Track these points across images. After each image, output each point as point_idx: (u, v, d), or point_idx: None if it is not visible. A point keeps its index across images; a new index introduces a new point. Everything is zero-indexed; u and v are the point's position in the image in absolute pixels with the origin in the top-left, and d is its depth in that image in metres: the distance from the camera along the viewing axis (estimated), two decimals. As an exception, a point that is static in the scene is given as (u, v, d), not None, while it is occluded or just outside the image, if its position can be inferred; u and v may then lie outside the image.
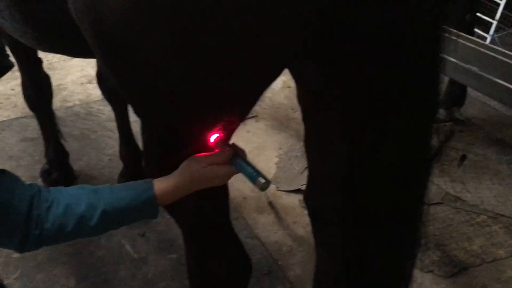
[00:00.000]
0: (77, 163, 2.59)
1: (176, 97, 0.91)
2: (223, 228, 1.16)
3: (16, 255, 2.02)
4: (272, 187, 2.42)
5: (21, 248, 0.91)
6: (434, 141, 1.09)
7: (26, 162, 2.63)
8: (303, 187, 1.57)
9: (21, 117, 3.02)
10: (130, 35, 0.84)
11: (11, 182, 0.91)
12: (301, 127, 1.29)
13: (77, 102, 3.23)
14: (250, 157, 2.48)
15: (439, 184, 2.46)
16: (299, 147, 2.65)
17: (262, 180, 0.96)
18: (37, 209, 0.90)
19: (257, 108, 3.04)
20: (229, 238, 1.17)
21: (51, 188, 0.95)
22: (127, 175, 2.35)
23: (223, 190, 1.11)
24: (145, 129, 1.02)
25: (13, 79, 2.76)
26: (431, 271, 1.98)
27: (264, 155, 2.67)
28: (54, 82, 2.64)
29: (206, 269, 1.14)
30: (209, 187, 1.01)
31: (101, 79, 2.21)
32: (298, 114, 3.06)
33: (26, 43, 1.39)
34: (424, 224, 1.17)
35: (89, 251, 2.09)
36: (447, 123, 2.87)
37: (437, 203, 2.36)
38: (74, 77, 3.55)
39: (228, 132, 1.01)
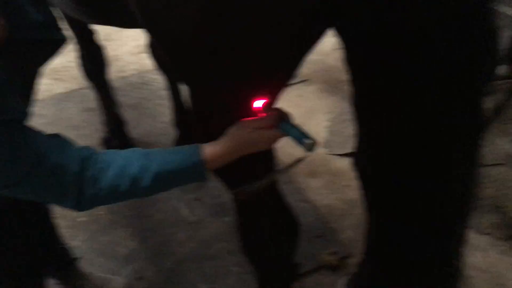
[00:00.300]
0: (134, 131, 2.70)
1: (217, 63, 0.92)
2: (271, 190, 1.18)
3: (81, 218, 2.16)
4: (323, 150, 2.42)
5: (77, 207, 0.98)
6: (495, 99, 1.04)
7: (87, 131, 2.76)
8: (355, 150, 1.56)
9: (81, 88, 3.14)
10: None
11: (63, 144, 0.97)
12: (352, 90, 1.27)
13: (132, 72, 3.33)
14: (301, 121, 2.49)
15: (501, 144, 2.36)
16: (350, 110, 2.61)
17: (308, 141, 0.97)
18: (91, 170, 0.96)
19: (308, 72, 3.00)
20: (276, 200, 1.19)
21: (106, 150, 1.01)
22: (181, 141, 2.43)
23: (270, 153, 1.13)
24: (193, 95, 1.05)
25: (71, 51, 2.88)
26: (488, 234, 1.93)
27: (315, 118, 2.65)
28: (110, 52, 2.73)
29: (254, 230, 1.18)
30: (256, 152, 1.03)
31: (153, 49, 2.26)
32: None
33: (73, 15, 1.44)
34: (478, 186, 1.14)
35: (149, 214, 2.20)
36: (510, 80, 2.72)
37: (498, 164, 2.27)
38: (129, 48, 3.63)
39: (274, 97, 1.01)
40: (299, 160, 1.08)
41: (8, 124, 0.88)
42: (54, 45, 1.09)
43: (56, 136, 0.99)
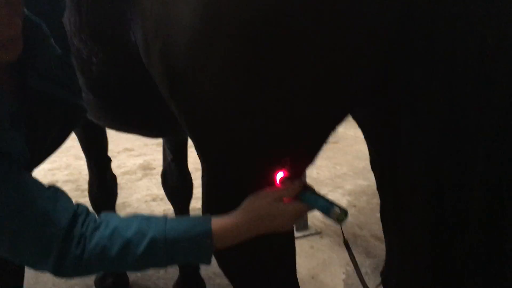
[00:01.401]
0: (133, 274, 2.49)
1: (240, 129, 0.85)
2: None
3: None
4: (339, 305, 2.17)
5: (57, 267, 0.82)
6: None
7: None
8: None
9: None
10: (196, 59, 0.82)
11: (57, 195, 0.85)
12: (369, 245, 1.15)
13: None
14: (314, 272, 2.32)
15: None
16: (368, 264, 2.43)
17: (338, 210, 0.83)
18: (81, 228, 0.83)
19: (320, 224, 2.90)
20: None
21: (103, 213, 0.88)
22: (182, 283, 2.22)
23: (289, 248, 0.98)
24: (208, 168, 0.95)
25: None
26: None
27: (329, 271, 2.45)
28: (120, 200, 2.79)
29: None
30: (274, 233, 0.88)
31: (165, 178, 2.22)
32: (365, 232, 2.87)
33: (93, 118, 1.42)
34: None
35: None
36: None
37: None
38: (139, 196, 3.61)
39: (295, 172, 0.91)
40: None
41: (2, 158, 0.79)
42: (74, 112, 1.04)
43: (52, 187, 0.87)
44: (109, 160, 2.18)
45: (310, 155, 0.91)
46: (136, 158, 4.52)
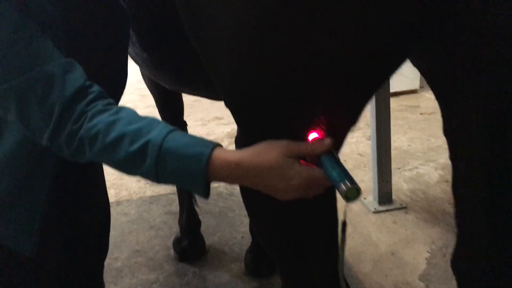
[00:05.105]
0: (210, 238, 2.53)
1: (262, 80, 0.78)
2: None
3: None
4: (420, 284, 2.01)
5: (53, 137, 0.80)
6: None
7: (164, 233, 2.64)
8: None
9: (170, 193, 3.13)
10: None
11: (71, 66, 0.82)
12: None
13: (222, 184, 3.27)
14: (395, 249, 2.16)
15: None
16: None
17: (347, 186, 0.70)
18: (86, 106, 0.79)
19: (407, 200, 2.71)
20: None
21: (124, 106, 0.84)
22: (254, 250, 2.20)
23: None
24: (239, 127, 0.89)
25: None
26: None
27: (412, 248, 2.28)
28: None
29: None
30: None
31: (238, 143, 2.19)
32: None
33: (149, 74, 1.40)
34: None
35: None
36: None
37: None
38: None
39: (334, 136, 0.79)
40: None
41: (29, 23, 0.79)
42: (118, 15, 1.03)
43: (69, 59, 0.84)
44: (184, 124, 2.20)
45: (351, 115, 0.80)
46: (225, 126, 4.58)
